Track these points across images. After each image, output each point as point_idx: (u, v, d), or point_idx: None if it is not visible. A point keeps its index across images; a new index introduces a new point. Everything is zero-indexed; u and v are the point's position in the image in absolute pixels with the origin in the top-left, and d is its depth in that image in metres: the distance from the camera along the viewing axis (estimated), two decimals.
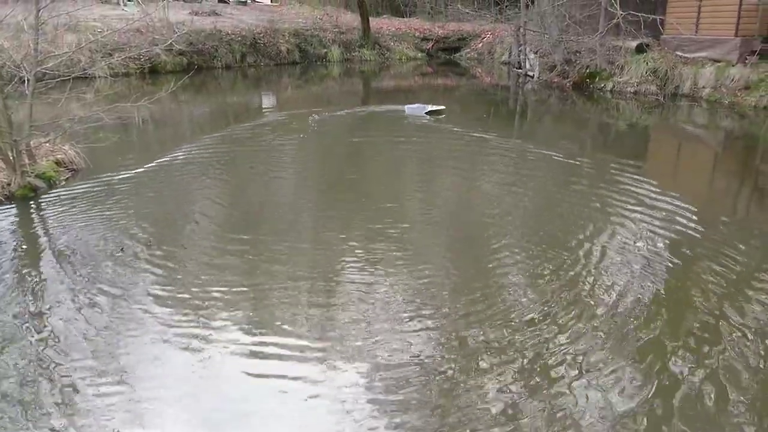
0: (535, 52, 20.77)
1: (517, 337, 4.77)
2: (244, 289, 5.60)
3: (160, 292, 5.47)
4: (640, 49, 17.20)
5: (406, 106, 14.47)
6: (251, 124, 13.53)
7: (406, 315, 5.10)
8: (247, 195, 8.45)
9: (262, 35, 24.09)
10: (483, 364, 4.42)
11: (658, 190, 8.31)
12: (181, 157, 10.33)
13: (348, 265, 6.09)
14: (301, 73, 23.19)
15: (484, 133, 12.40)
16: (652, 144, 12.87)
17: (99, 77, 16.49)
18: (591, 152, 11.34)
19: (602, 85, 17.57)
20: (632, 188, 8.41)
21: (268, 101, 17.71)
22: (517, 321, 5.00)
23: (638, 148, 12.09)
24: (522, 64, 21.55)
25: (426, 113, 13.97)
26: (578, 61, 18.33)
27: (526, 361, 4.46)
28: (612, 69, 17.49)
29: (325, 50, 25.55)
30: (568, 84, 18.39)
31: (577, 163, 10.13)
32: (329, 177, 9.59)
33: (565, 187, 8.73)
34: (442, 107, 14.16)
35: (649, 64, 16.80)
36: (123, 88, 17.14)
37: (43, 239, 6.78)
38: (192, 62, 21.16)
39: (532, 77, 20.48)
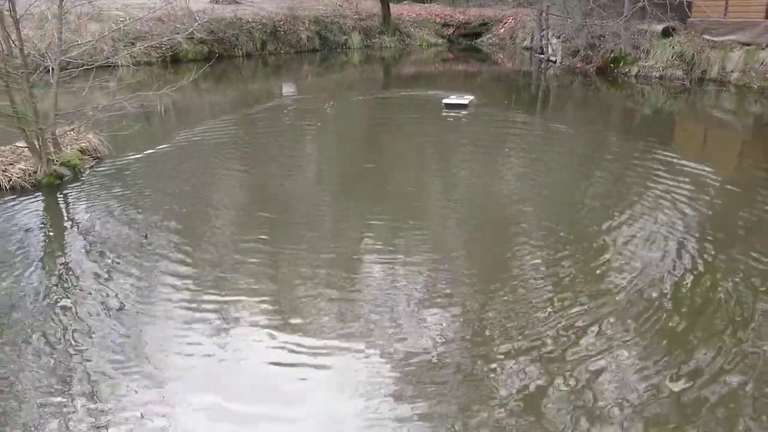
0: (558, 37, 20.44)
1: (537, 324, 4.74)
2: (266, 276, 5.65)
3: (183, 279, 5.54)
4: (666, 33, 16.83)
5: (443, 101, 13.21)
6: (271, 113, 13.56)
7: (425, 303, 5.09)
8: (268, 182, 8.48)
9: (282, 23, 24.06)
10: (503, 352, 4.40)
11: (685, 176, 8.15)
12: (204, 144, 10.40)
13: (368, 253, 6.11)
14: (321, 60, 23.16)
15: (505, 119, 12.28)
16: (678, 129, 12.62)
17: (121, 66, 16.63)
18: (615, 138, 11.16)
19: (626, 70, 17.25)
20: (658, 174, 8.26)
21: (288, 89, 17.72)
22: (537, 308, 4.96)
23: (664, 133, 11.85)
24: (544, 49, 21.23)
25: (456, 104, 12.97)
26: (602, 46, 18.00)
27: (546, 348, 4.43)
28: (637, 53, 17.15)
29: (346, 37, 25.45)
30: (591, 69, 18.08)
31: (601, 148, 9.99)
32: (349, 163, 9.59)
33: (588, 173, 8.62)
34: (466, 101, 13.14)
35: (675, 48, 16.44)
36: (145, 76, 17.29)
37: (69, 226, 6.90)
38: (213, 50, 21.23)
39: (555, 62, 20.18)
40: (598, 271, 5.59)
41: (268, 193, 8.00)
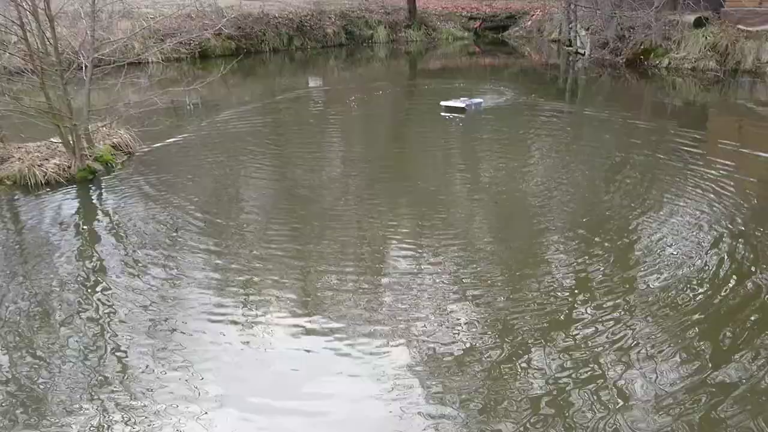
0: (587, 29, 20.12)
1: (566, 320, 4.71)
2: (292, 268, 5.72)
3: (212, 271, 5.64)
4: (699, 23, 16.44)
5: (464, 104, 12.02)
6: (297, 104, 13.65)
7: (451, 298, 5.10)
8: (294, 175, 8.56)
9: (308, 18, 24.13)
10: (528, 348, 4.39)
11: (719, 170, 7.98)
12: (231, 136, 10.53)
13: (393, 247, 6.13)
14: (347, 55, 23.20)
15: (531, 111, 12.16)
16: (711, 122, 12.35)
17: (152, 63, 16.89)
18: (646, 132, 10.97)
19: (657, 61, 16.91)
20: (691, 167, 8.12)
21: (314, 83, 17.81)
22: (564, 305, 4.94)
23: (697, 126, 11.58)
24: (572, 41, 20.93)
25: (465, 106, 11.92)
26: (632, 38, 17.65)
27: (575, 345, 4.40)
28: (668, 45, 16.79)
29: (371, 31, 25.42)
30: (620, 61, 17.76)
31: (631, 141, 9.84)
32: (375, 155, 9.62)
33: (618, 166, 8.50)
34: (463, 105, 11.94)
35: (708, 38, 16.05)
36: (175, 72, 17.55)
37: (102, 220, 7.07)
38: (240, 46, 21.40)
39: (583, 55, 19.88)
40: (629, 268, 5.52)
41: (294, 185, 8.07)
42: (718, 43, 15.83)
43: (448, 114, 11.76)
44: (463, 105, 11.83)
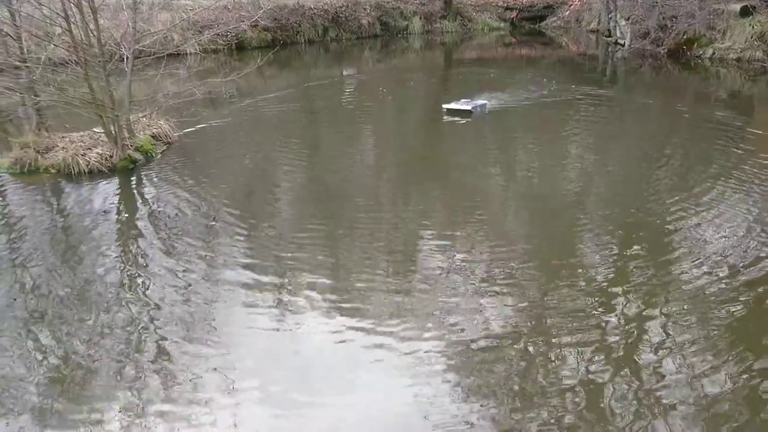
0: (627, 19, 19.65)
1: (600, 315, 4.64)
2: (325, 259, 5.77)
3: (248, 260, 5.73)
4: (745, 12, 15.88)
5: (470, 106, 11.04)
6: (332, 100, 13.70)
7: (483, 290, 5.07)
8: (328, 167, 8.61)
9: (343, 9, 24.14)
10: (560, 343, 4.34)
11: (763, 165, 7.73)
12: (267, 127, 10.65)
13: (426, 239, 6.13)
14: (382, 46, 23.16)
15: (568, 103, 11.95)
16: (757, 114, 11.93)
17: (190, 54, 17.15)
18: (687, 124, 10.69)
19: (700, 52, 16.42)
20: (734, 162, 7.89)
21: (349, 72, 17.85)
22: (600, 298, 4.86)
23: (741, 118, 11.23)
24: (612, 31, 20.49)
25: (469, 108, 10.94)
26: (674, 27, 17.18)
27: (609, 340, 4.34)
28: (712, 34, 16.29)
29: (407, 22, 25.30)
30: (662, 52, 17.30)
31: (672, 134, 9.60)
32: (408, 145, 9.61)
33: (658, 160, 8.30)
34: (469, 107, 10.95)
35: (755, 27, 15.50)
36: (212, 64, 17.79)
37: (142, 208, 7.23)
38: (276, 38, 21.56)
39: (623, 45, 19.44)
40: (665, 261, 5.41)
41: (328, 176, 8.12)
42: (766, 33, 15.28)
43: (452, 117, 10.76)
44: (469, 108, 10.78)
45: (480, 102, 11.26)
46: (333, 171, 8.41)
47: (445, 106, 11.11)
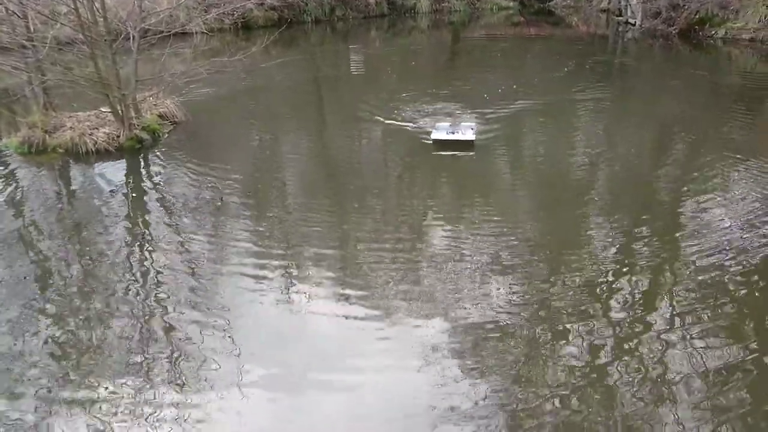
0: None
1: (606, 297, 4.64)
2: (332, 239, 5.78)
3: (255, 239, 5.74)
4: None
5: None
6: (338, 71, 13.62)
7: (488, 275, 5.06)
8: (332, 150, 8.60)
9: None
10: (566, 327, 4.34)
11: None
12: (275, 110, 10.61)
13: (432, 223, 6.12)
14: (389, 25, 22.94)
15: (573, 88, 11.81)
16: None
17: (196, 33, 17.01)
18: (696, 108, 10.56)
19: (713, 32, 16.18)
20: (744, 143, 7.81)
21: (356, 56, 17.70)
22: (607, 281, 4.86)
23: (754, 100, 11.10)
24: (623, 11, 20.22)
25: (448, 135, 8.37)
26: (686, 6, 16.93)
27: (614, 322, 4.34)
28: (725, 14, 16.04)
29: (414, 1, 25.03)
30: (673, 31, 17.07)
31: (680, 122, 9.49)
32: (413, 134, 9.55)
33: (666, 144, 8.24)
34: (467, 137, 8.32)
35: None
36: (218, 43, 17.66)
37: (149, 188, 7.24)
38: (283, 17, 21.38)
39: (634, 25, 19.19)
40: (672, 245, 5.39)
41: (333, 159, 8.11)
42: None
43: (444, 152, 8.05)
44: (471, 138, 8.15)
45: (465, 124, 8.79)
46: (339, 153, 8.40)
47: (434, 136, 8.34)
